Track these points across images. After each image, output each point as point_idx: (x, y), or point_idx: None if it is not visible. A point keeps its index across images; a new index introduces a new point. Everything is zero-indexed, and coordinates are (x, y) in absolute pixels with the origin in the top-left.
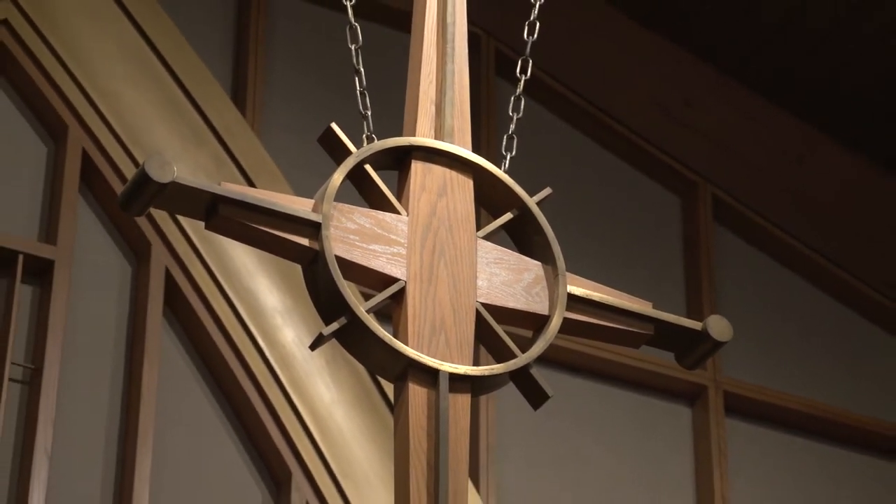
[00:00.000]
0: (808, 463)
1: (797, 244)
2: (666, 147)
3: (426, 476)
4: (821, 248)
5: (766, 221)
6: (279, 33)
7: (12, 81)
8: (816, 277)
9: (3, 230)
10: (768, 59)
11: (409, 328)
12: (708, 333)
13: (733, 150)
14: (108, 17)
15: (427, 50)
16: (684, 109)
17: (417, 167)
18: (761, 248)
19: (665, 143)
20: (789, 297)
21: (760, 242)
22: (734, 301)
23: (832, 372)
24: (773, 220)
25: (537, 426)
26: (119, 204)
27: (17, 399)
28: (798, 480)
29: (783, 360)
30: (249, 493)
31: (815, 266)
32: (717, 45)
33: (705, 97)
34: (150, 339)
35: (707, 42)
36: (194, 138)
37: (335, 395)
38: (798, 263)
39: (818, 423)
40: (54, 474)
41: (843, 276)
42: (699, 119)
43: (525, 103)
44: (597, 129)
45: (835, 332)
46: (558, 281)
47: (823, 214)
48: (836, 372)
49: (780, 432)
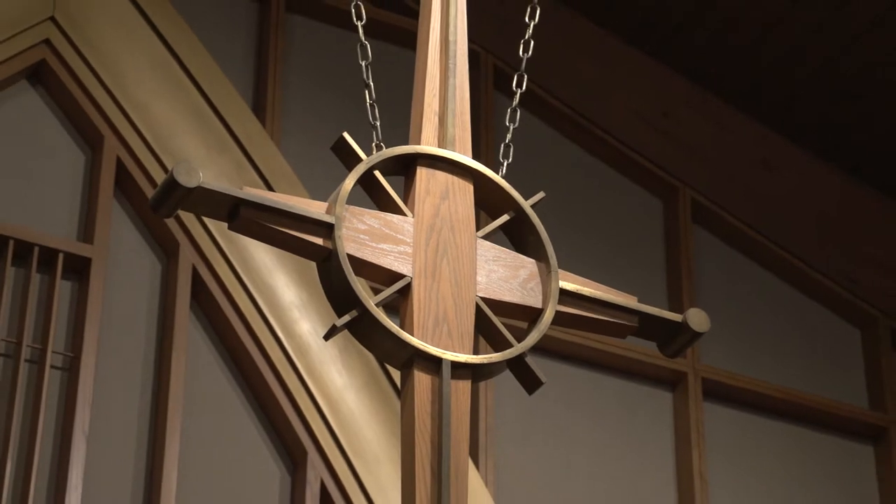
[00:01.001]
0: (779, 443)
1: (767, 242)
2: (648, 154)
3: (430, 455)
4: (787, 245)
5: (740, 222)
6: (296, 51)
7: (53, 95)
8: (785, 273)
9: (44, 231)
10: (739, 74)
11: (414, 320)
12: (687, 325)
13: (708, 157)
14: (140, 35)
15: (431, 66)
16: (663, 120)
17: (422, 173)
18: (735, 246)
19: (647, 150)
20: (761, 291)
21: (735, 241)
22: (711, 295)
23: (798, 359)
24: (746, 221)
25: (531, 409)
26: (150, 206)
27: (58, 384)
28: (770, 459)
29: (755, 349)
30: (268, 471)
31: (784, 262)
32: (693, 63)
33: (682, 109)
34: (178, 330)
35: (684, 60)
36: (218, 146)
37: (347, 380)
38: (768, 260)
39: (787, 406)
40: (91, 453)
41: (808, 272)
42: (677, 129)
43: (520, 115)
44: (585, 138)
45: (801, 323)
46: (551, 277)
47: (789, 215)
48: (801, 359)
49: (753, 415)
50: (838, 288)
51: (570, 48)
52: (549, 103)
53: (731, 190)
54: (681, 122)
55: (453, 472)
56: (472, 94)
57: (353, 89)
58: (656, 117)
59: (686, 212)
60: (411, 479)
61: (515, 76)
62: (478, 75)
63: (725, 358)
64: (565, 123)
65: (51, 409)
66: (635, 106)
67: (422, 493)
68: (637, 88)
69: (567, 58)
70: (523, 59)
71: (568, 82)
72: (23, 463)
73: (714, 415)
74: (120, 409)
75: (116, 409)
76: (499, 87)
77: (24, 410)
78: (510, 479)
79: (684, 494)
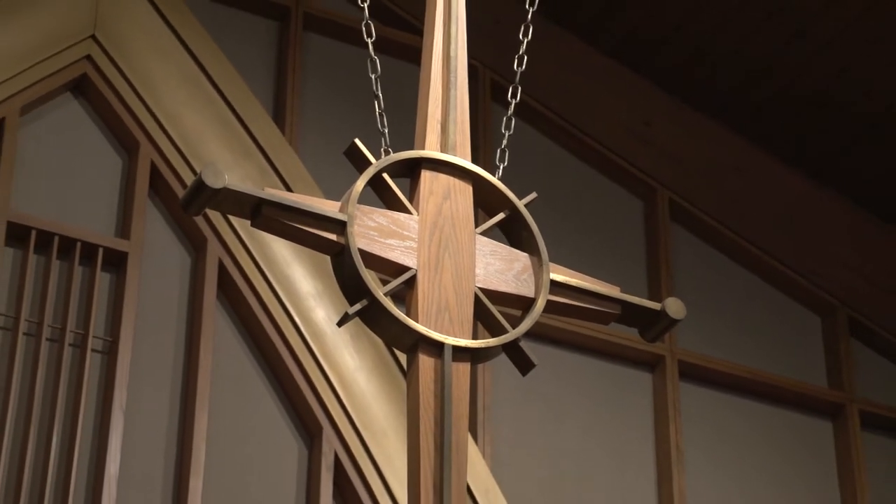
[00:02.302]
0: (747, 419)
1: (738, 239)
2: (630, 159)
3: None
4: (756, 241)
5: (713, 220)
6: (312, 65)
7: (94, 105)
8: (753, 266)
9: (86, 227)
10: (712, 88)
11: (419, 308)
12: (665, 312)
13: (685, 162)
14: (172, 52)
15: (434, 79)
16: (644, 129)
17: (426, 175)
18: (709, 242)
19: (629, 155)
20: (732, 282)
21: (708, 238)
22: (687, 285)
23: (765, 343)
24: (718, 220)
25: (525, 389)
26: (180, 206)
27: (98, 366)
28: (739, 433)
29: (727, 334)
30: (287, 444)
31: (753, 256)
32: (672, 77)
33: (661, 119)
34: (206, 317)
35: (663, 74)
36: (242, 152)
37: (358, 363)
38: (738, 255)
39: (755, 385)
40: (128, 427)
41: (775, 265)
42: (656, 136)
43: (515, 123)
44: (573, 144)
45: (768, 310)
46: (542, 269)
47: (757, 214)
48: (768, 342)
49: (725, 393)
50: (801, 279)
51: (560, 63)
52: (540, 113)
53: (705, 191)
54: (660, 131)
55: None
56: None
57: (364, 100)
58: (638, 126)
59: (664, 211)
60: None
61: (510, 88)
62: (476, 88)
63: (700, 342)
64: (555, 131)
65: (92, 387)
66: (619, 116)
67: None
68: (620, 100)
69: (557, 72)
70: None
71: (558, 94)
72: (67, 435)
73: (689, 393)
74: (153, 387)
75: (150, 387)
76: (495, 98)
77: (68, 389)
78: (505, 451)
79: (662, 464)
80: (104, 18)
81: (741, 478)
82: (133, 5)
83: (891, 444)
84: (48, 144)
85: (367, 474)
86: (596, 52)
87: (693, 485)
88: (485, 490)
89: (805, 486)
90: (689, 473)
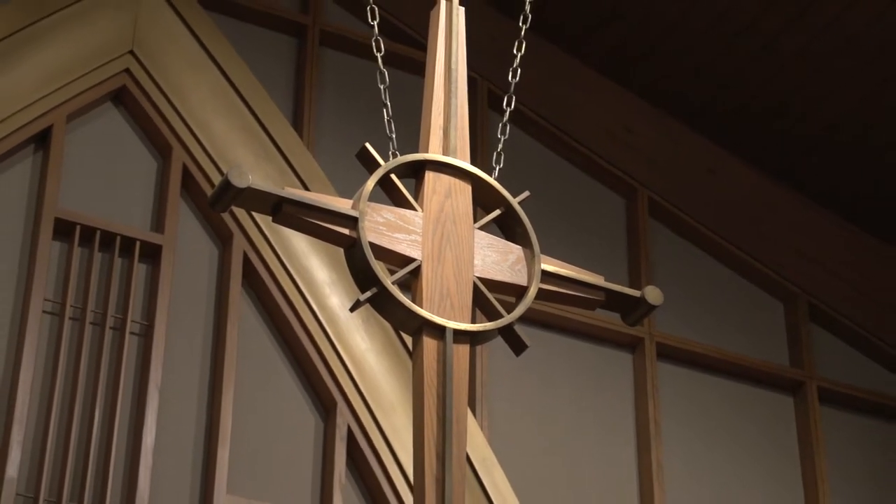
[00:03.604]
0: (718, 394)
1: (710, 233)
2: (613, 161)
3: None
4: (726, 236)
5: (688, 217)
6: (327, 78)
7: (132, 113)
8: (724, 258)
9: (124, 223)
10: (687, 97)
11: (423, 296)
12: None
13: (663, 165)
14: (202, 66)
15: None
16: (626, 134)
17: (430, 176)
18: (684, 236)
19: (612, 158)
20: (705, 272)
21: (684, 233)
22: (664, 275)
23: (734, 326)
24: (693, 216)
25: (518, 368)
26: (209, 203)
27: (136, 347)
28: (711, 408)
29: (700, 319)
30: (304, 418)
31: (723, 249)
32: (651, 88)
33: (642, 125)
34: (232, 304)
35: (644, 85)
36: (264, 155)
37: (368, 344)
38: (711, 248)
39: (725, 365)
40: (162, 402)
41: (743, 257)
42: (637, 141)
43: (509, 129)
44: (562, 148)
45: (736, 298)
46: (534, 260)
47: (728, 212)
48: (736, 326)
49: (698, 372)
50: (767, 270)
51: (550, 75)
52: (532, 119)
53: (681, 191)
54: (640, 136)
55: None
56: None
57: (374, 108)
58: (620, 131)
59: (644, 208)
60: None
61: (505, 98)
62: (475, 97)
63: (676, 326)
64: (545, 136)
65: (130, 367)
66: (603, 122)
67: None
68: (604, 108)
69: (547, 83)
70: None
71: (548, 103)
72: (108, 411)
73: (666, 372)
74: (185, 366)
75: (182, 366)
76: (492, 106)
77: (109, 368)
78: (501, 424)
79: (642, 436)
80: (141, 36)
81: (713, 447)
82: (167, 24)
83: (845, 416)
84: (91, 148)
85: (376, 445)
86: (582, 66)
87: (669, 454)
88: (482, 458)
89: (769, 454)
90: (665, 444)
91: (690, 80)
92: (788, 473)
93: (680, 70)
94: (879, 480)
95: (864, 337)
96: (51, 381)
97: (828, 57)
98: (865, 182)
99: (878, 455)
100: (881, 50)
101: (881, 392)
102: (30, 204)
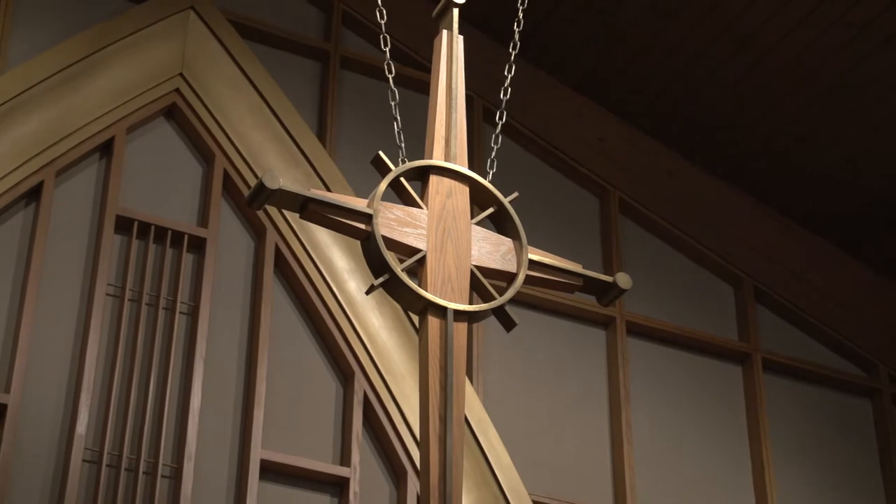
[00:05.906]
0: (678, 365)
1: (671, 227)
2: (588, 166)
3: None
4: (684, 229)
5: (652, 213)
6: (347, 96)
7: (181, 126)
8: (682, 248)
9: (174, 219)
10: (651, 112)
11: (428, 281)
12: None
13: (631, 169)
14: (241, 86)
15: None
16: (599, 143)
17: (433, 179)
18: (649, 230)
19: (588, 164)
20: (667, 260)
21: (649, 227)
22: (633, 263)
23: (690, 306)
24: (656, 213)
25: (509, 343)
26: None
27: (184, 325)
28: (672, 377)
29: (662, 300)
30: (327, 384)
31: (681, 241)
32: (620, 104)
33: (612, 136)
34: (265, 288)
35: (614, 102)
36: (293, 161)
37: (381, 322)
38: (671, 240)
39: (683, 339)
40: (207, 372)
41: (698, 247)
42: (609, 149)
43: (501, 139)
44: (545, 155)
45: (692, 282)
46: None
47: (685, 209)
48: (692, 306)
49: (661, 346)
50: (718, 258)
51: (536, 93)
52: (520, 131)
53: (646, 192)
54: (611, 145)
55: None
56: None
57: (386, 121)
58: (594, 141)
59: (615, 207)
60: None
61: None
62: (472, 112)
63: (642, 306)
64: (531, 145)
65: (179, 341)
66: (580, 133)
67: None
68: (581, 121)
69: (533, 100)
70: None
71: (534, 117)
72: (161, 379)
73: (634, 346)
74: (226, 341)
75: (224, 341)
76: (486, 120)
77: (161, 342)
78: (495, 391)
79: (614, 401)
80: (189, 60)
81: (674, 410)
82: (211, 50)
83: (786, 383)
84: (147, 156)
85: (388, 408)
86: (562, 85)
87: (637, 414)
88: (478, 420)
89: (721, 415)
90: (633, 408)
91: (653, 98)
92: (736, 430)
93: (645, 90)
94: (811, 435)
95: (801, 316)
96: (113, 353)
97: (766, 80)
98: (800, 183)
99: (812, 414)
100: (812, 74)
101: (814, 362)
102: (95, 203)
